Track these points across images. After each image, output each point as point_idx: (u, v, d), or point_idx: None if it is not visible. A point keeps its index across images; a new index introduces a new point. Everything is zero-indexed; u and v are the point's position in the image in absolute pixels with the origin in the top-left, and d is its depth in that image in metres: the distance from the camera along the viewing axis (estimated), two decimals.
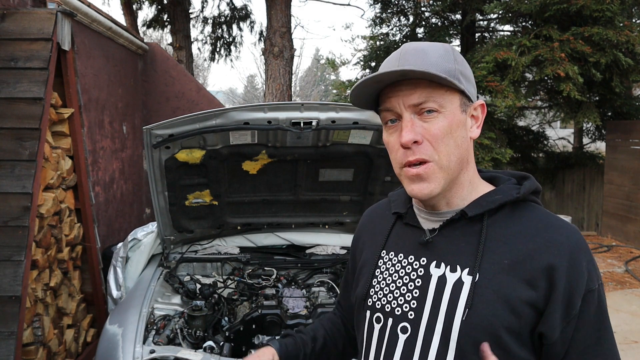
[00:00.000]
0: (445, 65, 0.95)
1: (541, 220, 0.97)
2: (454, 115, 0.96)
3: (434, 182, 0.96)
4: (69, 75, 3.16)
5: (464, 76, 0.98)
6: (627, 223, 7.52)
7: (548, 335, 0.91)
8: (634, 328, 4.42)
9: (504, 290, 0.92)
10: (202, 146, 2.63)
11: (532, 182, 1.02)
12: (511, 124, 8.51)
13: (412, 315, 0.99)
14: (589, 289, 0.92)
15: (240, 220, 3.18)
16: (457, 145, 0.96)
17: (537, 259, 0.92)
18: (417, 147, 0.95)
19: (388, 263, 1.07)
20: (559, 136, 10.52)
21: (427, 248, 1.02)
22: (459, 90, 0.96)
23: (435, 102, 0.94)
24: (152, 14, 10.20)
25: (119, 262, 3.13)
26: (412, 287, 1.01)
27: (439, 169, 0.95)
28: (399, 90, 0.96)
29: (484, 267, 0.94)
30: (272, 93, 7.06)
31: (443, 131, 0.94)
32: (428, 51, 0.97)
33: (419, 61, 0.95)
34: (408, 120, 0.95)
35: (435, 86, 0.94)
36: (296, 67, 23.36)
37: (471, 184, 1.01)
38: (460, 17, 7.67)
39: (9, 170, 2.63)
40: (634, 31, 6.07)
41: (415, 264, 1.02)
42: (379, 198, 3.07)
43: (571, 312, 0.91)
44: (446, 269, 0.98)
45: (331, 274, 3.23)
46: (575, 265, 0.92)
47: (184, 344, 2.36)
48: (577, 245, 0.94)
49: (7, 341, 2.43)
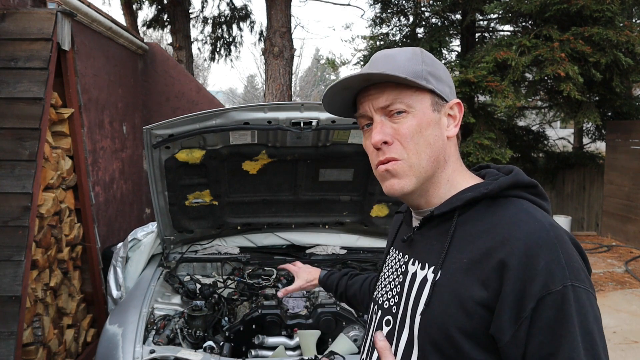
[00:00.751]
0: (411, 67, 0.97)
1: (509, 217, 0.91)
2: (423, 114, 0.97)
3: (404, 179, 0.97)
4: (69, 75, 3.16)
5: (434, 76, 0.99)
6: (627, 223, 7.52)
7: (497, 337, 0.86)
8: (634, 328, 4.42)
9: (459, 289, 0.90)
10: (202, 146, 2.64)
11: (512, 177, 0.97)
12: (511, 124, 8.52)
13: (394, 310, 1.03)
14: (547, 291, 0.83)
15: (240, 220, 3.18)
16: (428, 144, 0.97)
17: (491, 257, 0.87)
18: (387, 147, 0.97)
19: (391, 259, 1.12)
20: (559, 136, 10.52)
21: (409, 246, 1.06)
22: (428, 90, 0.98)
23: (402, 103, 0.96)
24: (152, 14, 10.21)
25: (119, 262, 3.13)
26: (397, 283, 1.05)
27: (409, 167, 0.97)
28: (368, 94, 0.99)
29: (446, 265, 0.93)
30: (272, 93, 7.06)
31: (412, 130, 0.96)
32: (395, 56, 1.00)
33: (385, 65, 0.98)
34: (378, 122, 0.98)
35: (402, 88, 0.97)
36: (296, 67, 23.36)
37: (449, 182, 1.00)
38: (460, 17, 7.67)
39: (9, 170, 2.63)
40: (634, 31, 6.07)
41: (400, 260, 1.07)
42: (379, 198, 3.07)
43: (521, 315, 0.84)
44: (418, 267, 1.00)
45: None
46: (529, 263, 0.84)
47: (184, 344, 2.36)
48: (537, 241, 0.85)
49: (7, 341, 2.43)
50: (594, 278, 5.86)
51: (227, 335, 2.44)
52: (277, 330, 2.47)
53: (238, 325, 2.46)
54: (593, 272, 6.11)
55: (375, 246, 3.30)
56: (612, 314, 4.70)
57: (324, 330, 2.45)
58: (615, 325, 4.42)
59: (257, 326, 2.46)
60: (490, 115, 7.48)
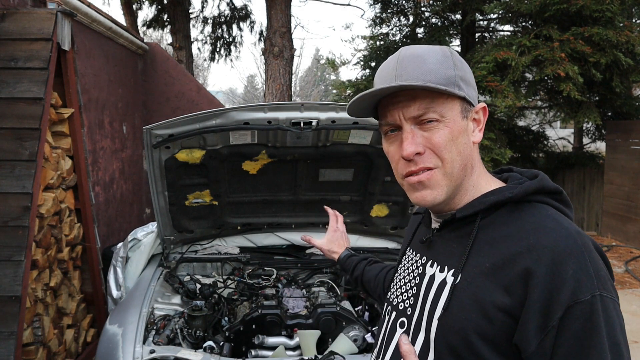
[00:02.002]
0: (444, 72, 0.93)
1: (534, 222, 0.89)
2: (454, 123, 0.94)
3: (437, 189, 0.94)
4: (69, 75, 3.16)
5: (464, 81, 0.95)
6: (627, 223, 7.52)
7: (522, 347, 0.84)
8: (634, 328, 4.42)
9: (480, 294, 0.87)
10: (202, 146, 2.63)
11: (536, 182, 0.95)
12: (511, 124, 8.51)
13: (409, 312, 1.01)
14: (575, 300, 0.81)
15: (240, 220, 3.18)
16: (459, 152, 0.94)
17: (516, 264, 0.85)
18: (420, 158, 0.93)
19: (408, 260, 1.11)
20: (559, 136, 10.52)
21: (427, 247, 1.04)
22: (459, 97, 0.94)
23: (435, 112, 0.92)
24: (152, 14, 10.22)
25: (119, 262, 3.13)
26: (413, 284, 1.04)
27: (443, 175, 0.94)
28: (397, 101, 0.94)
29: (467, 269, 0.91)
30: (272, 93, 7.06)
31: (445, 140, 0.93)
32: (426, 57, 0.94)
33: (416, 69, 0.93)
34: (408, 132, 0.93)
35: (434, 95, 0.92)
36: (296, 67, 23.35)
37: (475, 188, 0.98)
38: (460, 17, 7.67)
39: (9, 170, 2.63)
40: (634, 31, 6.07)
41: (418, 262, 1.05)
42: (379, 198, 3.07)
43: (548, 324, 0.82)
44: (437, 269, 0.98)
45: (331, 274, 3.23)
46: (556, 272, 0.82)
47: (184, 344, 2.36)
48: (564, 250, 0.84)
49: (7, 341, 2.43)
50: None
51: (227, 335, 2.44)
52: (277, 330, 2.47)
53: (238, 325, 2.46)
54: None
55: (375, 246, 3.30)
56: None
57: (324, 330, 2.45)
58: None
59: (257, 326, 2.46)
60: (490, 115, 7.44)
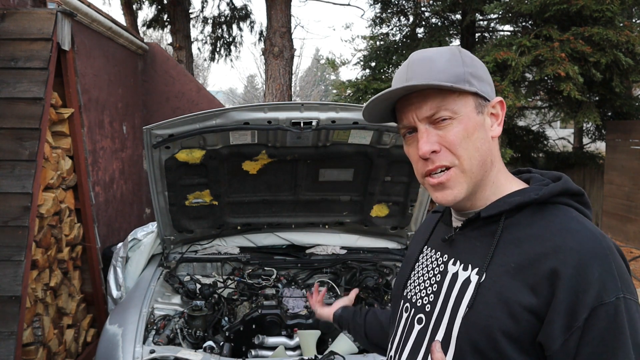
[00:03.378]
0: (453, 70, 0.95)
1: (560, 224, 0.91)
2: (469, 118, 0.95)
3: (457, 188, 0.96)
4: (69, 75, 3.16)
5: (475, 77, 0.97)
6: (627, 223, 7.52)
7: (546, 345, 0.86)
8: None
9: (506, 293, 0.89)
10: (202, 146, 2.64)
11: (560, 184, 0.97)
12: (511, 124, 8.50)
13: (428, 308, 1.02)
14: (601, 302, 0.83)
15: (240, 220, 3.18)
16: (476, 148, 0.95)
17: (542, 264, 0.87)
18: (436, 156, 0.95)
19: (425, 257, 1.11)
20: (559, 136, 10.52)
21: (449, 245, 1.04)
22: (471, 92, 0.96)
23: (447, 109, 0.94)
24: (152, 14, 10.22)
25: (119, 262, 3.13)
26: (433, 282, 1.04)
27: (461, 173, 0.96)
28: (410, 104, 0.97)
29: (492, 268, 0.93)
30: (272, 93, 7.06)
31: (460, 137, 0.94)
32: (434, 58, 0.97)
33: (425, 71, 0.95)
34: (423, 131, 0.96)
35: (445, 93, 0.94)
36: (296, 67, 23.36)
37: (494, 184, 1.00)
38: (460, 17, 7.67)
39: (9, 170, 2.63)
40: (634, 31, 6.07)
41: (439, 260, 1.06)
42: (379, 198, 3.07)
43: (573, 324, 0.84)
44: (460, 267, 0.99)
45: (331, 274, 3.23)
46: (582, 273, 0.84)
47: (184, 344, 2.37)
48: (590, 252, 0.86)
49: (7, 341, 2.43)
50: None
51: (227, 335, 2.44)
52: (277, 330, 2.47)
53: (238, 325, 2.46)
54: None
55: (375, 246, 3.30)
56: None
57: (324, 330, 2.45)
58: None
59: (257, 326, 2.46)
60: None
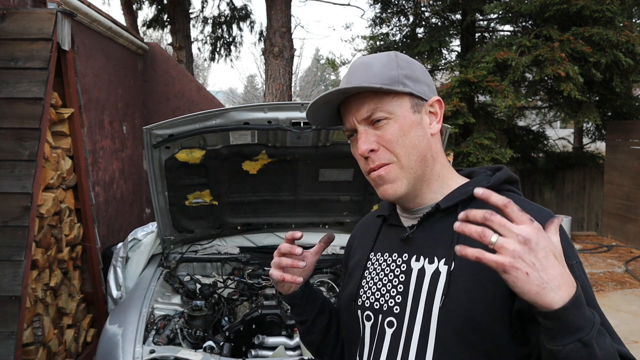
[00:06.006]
0: (387, 74, 1.01)
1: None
2: (404, 118, 1.01)
3: (396, 182, 1.02)
4: (69, 75, 3.16)
5: (410, 78, 1.02)
6: (627, 223, 7.52)
7: (524, 308, 0.87)
8: (634, 328, 4.42)
9: (478, 275, 0.93)
10: (202, 146, 2.64)
11: (504, 172, 1.06)
12: (511, 124, 8.51)
13: (397, 310, 1.03)
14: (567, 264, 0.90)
15: (240, 220, 3.18)
16: (414, 145, 1.01)
17: None
18: (376, 155, 1.02)
19: (375, 263, 1.11)
20: (559, 136, 10.52)
21: (407, 244, 1.06)
22: (406, 93, 1.01)
23: (382, 110, 1.00)
24: (152, 14, 10.22)
25: (119, 262, 3.13)
26: (397, 283, 1.05)
27: (400, 169, 1.01)
28: (349, 107, 1.03)
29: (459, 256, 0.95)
30: (272, 93, 7.06)
31: (396, 135, 1.00)
32: (371, 63, 1.03)
33: (362, 75, 1.02)
34: (362, 132, 1.02)
35: (381, 95, 1.00)
36: (296, 67, 23.35)
37: (440, 178, 1.05)
38: (460, 17, 7.66)
39: (9, 170, 2.63)
40: (634, 31, 6.07)
41: (398, 260, 1.06)
42: (379, 198, 3.07)
43: None
44: (425, 261, 1.01)
45: (331, 274, 3.23)
46: None
47: (184, 344, 2.37)
48: None
49: (7, 341, 2.43)
50: (594, 278, 5.87)
51: (227, 335, 2.44)
52: (277, 330, 2.47)
53: (238, 325, 2.46)
54: (593, 272, 6.12)
55: None
56: (612, 314, 4.70)
57: None
58: (615, 325, 4.38)
59: (257, 326, 2.46)
60: (490, 115, 7.48)
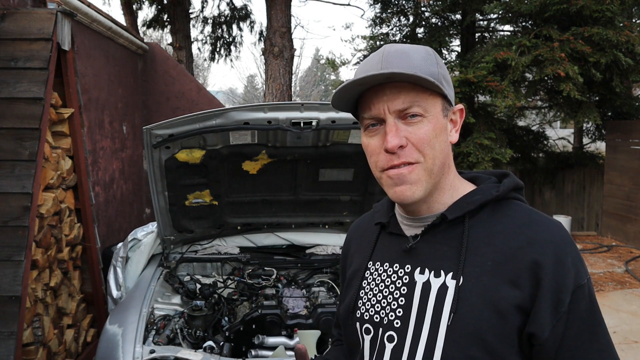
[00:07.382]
0: (428, 69, 0.94)
1: (523, 218, 0.95)
2: (437, 119, 0.95)
3: (417, 184, 0.94)
4: (69, 75, 3.16)
5: (446, 80, 0.97)
6: (627, 223, 7.52)
7: (538, 334, 0.88)
8: (634, 328, 4.42)
9: (488, 292, 0.89)
10: (202, 146, 2.64)
11: (512, 179, 1.01)
12: (511, 124, 8.51)
13: (398, 324, 0.98)
14: (577, 284, 0.89)
15: (240, 220, 3.18)
16: (441, 150, 0.95)
17: (520, 258, 0.90)
18: (402, 151, 0.93)
19: (375, 273, 1.05)
20: (559, 136, 10.52)
21: (410, 255, 1.00)
22: (441, 94, 0.95)
23: (419, 106, 0.93)
24: (152, 14, 10.21)
25: (119, 262, 3.13)
26: (398, 295, 0.99)
27: (424, 171, 0.94)
28: (382, 94, 0.94)
29: (467, 270, 0.92)
30: (272, 93, 7.06)
31: (428, 135, 0.93)
32: (411, 54, 0.95)
33: (402, 64, 0.92)
34: (392, 124, 0.93)
35: (419, 90, 0.93)
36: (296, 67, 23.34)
37: (452, 188, 1.00)
38: (460, 17, 7.67)
39: (9, 170, 2.63)
40: (634, 31, 6.07)
41: (400, 271, 1.01)
42: (379, 198, 3.07)
43: (560, 310, 0.88)
44: (430, 275, 0.96)
45: (331, 274, 3.23)
46: (561, 262, 0.89)
47: (184, 344, 2.37)
48: (562, 241, 0.91)
49: (7, 341, 2.43)
50: (594, 278, 5.86)
51: (227, 335, 2.44)
52: (277, 330, 2.47)
53: (238, 325, 2.46)
54: (593, 272, 6.12)
55: None
56: (612, 314, 4.70)
57: (324, 330, 2.45)
58: (615, 325, 4.41)
59: (257, 326, 2.46)
60: (490, 115, 7.48)
